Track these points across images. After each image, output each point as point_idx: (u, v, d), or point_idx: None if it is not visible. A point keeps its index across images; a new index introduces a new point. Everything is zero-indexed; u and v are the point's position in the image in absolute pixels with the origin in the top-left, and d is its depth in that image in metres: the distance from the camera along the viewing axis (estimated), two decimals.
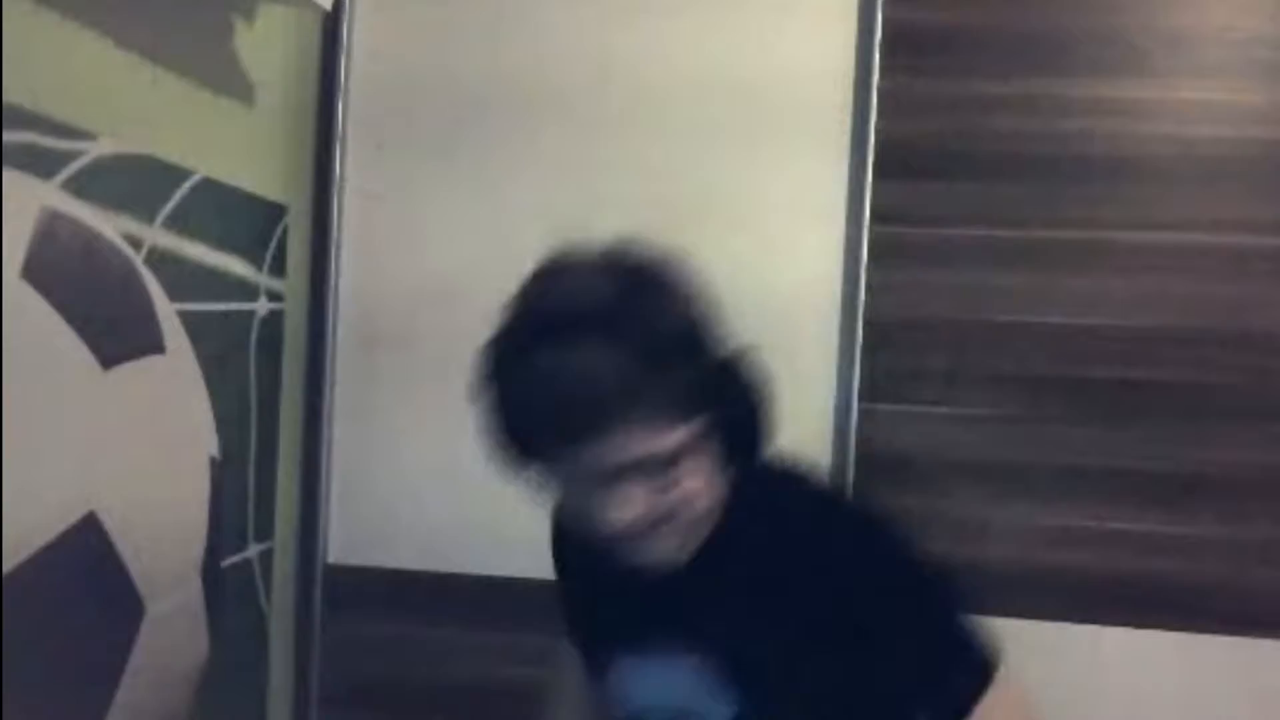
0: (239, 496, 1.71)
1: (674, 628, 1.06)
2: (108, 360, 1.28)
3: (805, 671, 1.01)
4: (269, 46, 1.76)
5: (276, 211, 1.81)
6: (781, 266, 1.89)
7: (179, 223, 1.48)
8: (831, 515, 1.09)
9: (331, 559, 1.97)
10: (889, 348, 1.85)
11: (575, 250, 1.02)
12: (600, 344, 0.90)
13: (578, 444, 0.91)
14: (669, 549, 0.99)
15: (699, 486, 0.97)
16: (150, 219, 1.41)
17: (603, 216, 1.91)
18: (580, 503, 0.98)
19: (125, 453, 1.34)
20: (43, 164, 1.19)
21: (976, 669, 1.02)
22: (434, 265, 1.95)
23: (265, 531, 1.82)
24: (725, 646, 1.04)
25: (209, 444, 1.58)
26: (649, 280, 0.97)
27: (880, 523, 1.07)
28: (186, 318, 1.49)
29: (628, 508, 0.94)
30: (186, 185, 1.50)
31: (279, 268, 1.81)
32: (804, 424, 1.88)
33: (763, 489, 1.05)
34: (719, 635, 1.04)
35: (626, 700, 1.11)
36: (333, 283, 1.96)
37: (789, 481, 1.10)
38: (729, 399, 0.98)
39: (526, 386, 0.92)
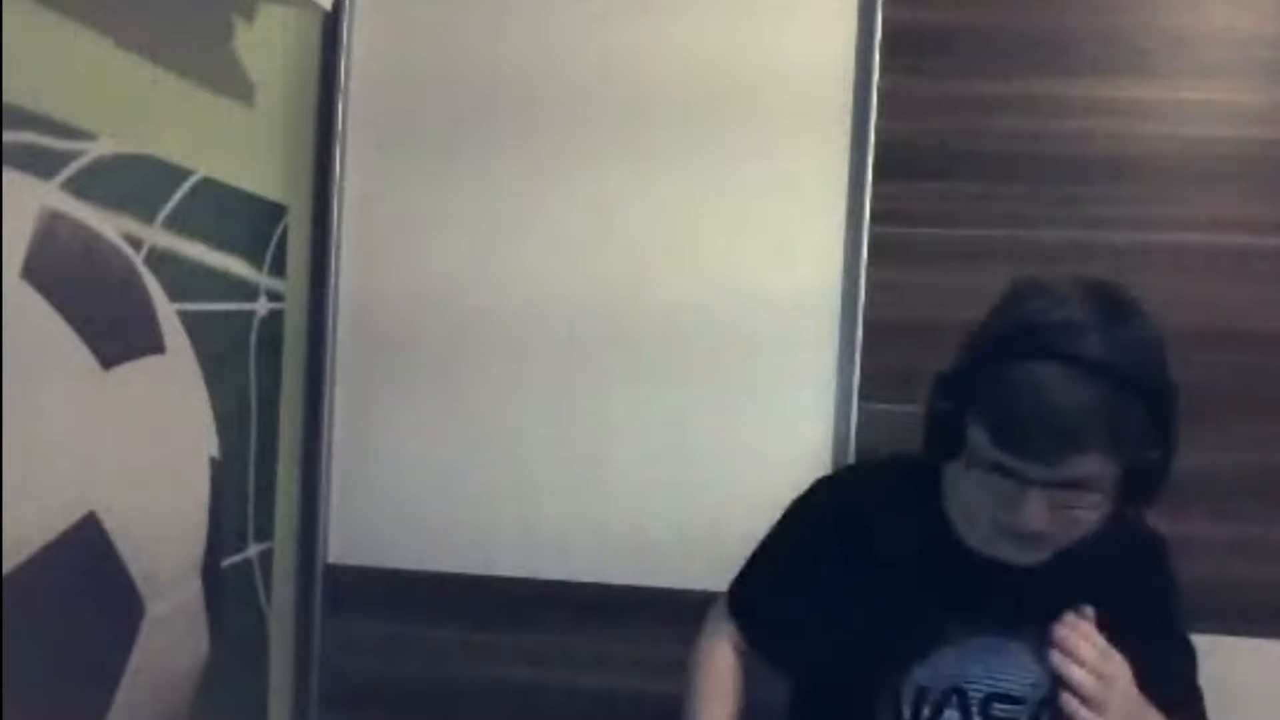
0: (239, 496, 1.71)
1: (1016, 615, 1.15)
2: (108, 360, 1.28)
3: None
4: (269, 46, 1.76)
5: (276, 211, 1.81)
6: (781, 266, 1.89)
7: (179, 223, 1.48)
8: (1157, 557, 1.27)
9: (331, 559, 1.98)
10: (889, 348, 1.85)
11: (1071, 281, 1.09)
12: (1098, 382, 1.00)
13: (1043, 460, 1.01)
14: (1039, 556, 1.10)
15: (1099, 516, 1.07)
16: (150, 219, 1.41)
17: (602, 217, 1.93)
18: (988, 496, 1.07)
19: (125, 453, 1.34)
20: (43, 164, 1.19)
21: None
22: (434, 265, 1.95)
23: (265, 531, 1.82)
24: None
25: (209, 444, 1.58)
26: (1143, 330, 1.06)
27: (1177, 577, 1.28)
28: (186, 318, 1.49)
29: (1041, 517, 1.04)
30: (186, 185, 1.50)
31: (279, 268, 1.81)
32: (804, 424, 1.88)
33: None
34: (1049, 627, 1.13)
35: (950, 677, 1.18)
36: (333, 283, 1.96)
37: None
38: (1158, 444, 1.07)
39: (1026, 396, 1.00)
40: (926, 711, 1.19)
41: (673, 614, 1.86)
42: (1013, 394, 1.01)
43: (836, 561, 1.22)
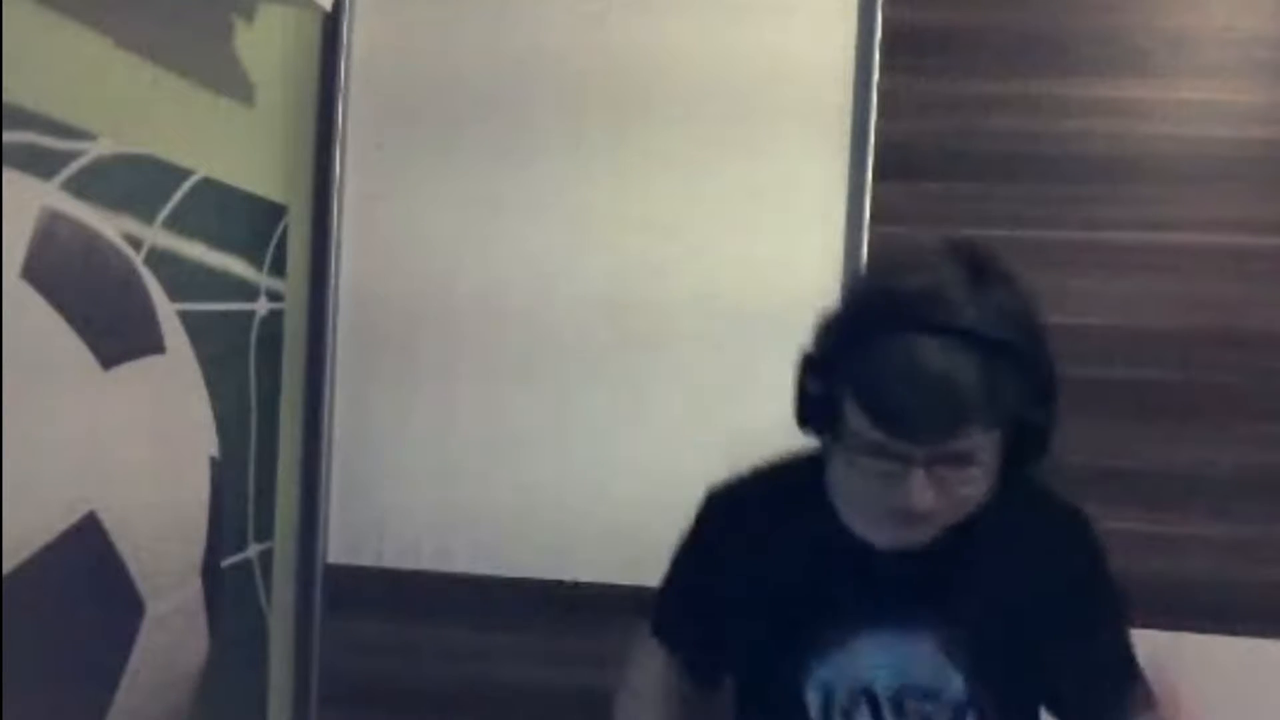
0: (239, 496, 1.71)
1: (916, 607, 1.11)
2: (108, 360, 1.28)
3: (1033, 662, 1.12)
4: (269, 46, 1.76)
5: (276, 211, 1.81)
6: (781, 267, 1.89)
7: (179, 223, 1.48)
8: (1074, 530, 1.18)
9: (331, 559, 1.97)
10: None
11: (933, 247, 1.06)
12: (969, 350, 0.96)
13: (924, 437, 0.98)
14: (926, 535, 1.06)
15: (984, 487, 1.04)
16: (150, 219, 1.41)
17: (602, 217, 1.93)
18: (871, 480, 1.03)
19: (125, 453, 1.34)
20: (43, 164, 1.19)
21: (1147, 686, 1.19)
22: (434, 265, 1.95)
23: (265, 531, 1.82)
24: (966, 629, 1.11)
25: (209, 444, 1.58)
26: (1009, 293, 1.01)
27: (1104, 547, 1.19)
28: (186, 318, 1.49)
29: (927, 495, 1.00)
30: (186, 185, 1.50)
31: (279, 268, 1.81)
32: None
33: (1013, 489, 1.11)
34: (962, 618, 1.10)
35: (855, 674, 1.14)
36: (333, 283, 1.96)
37: (1036, 489, 1.16)
38: (1038, 412, 1.03)
39: (899, 373, 0.97)
40: (836, 717, 1.16)
41: None
42: (886, 371, 0.97)
43: (734, 568, 1.19)
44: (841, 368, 1.03)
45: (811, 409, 1.08)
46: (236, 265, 1.66)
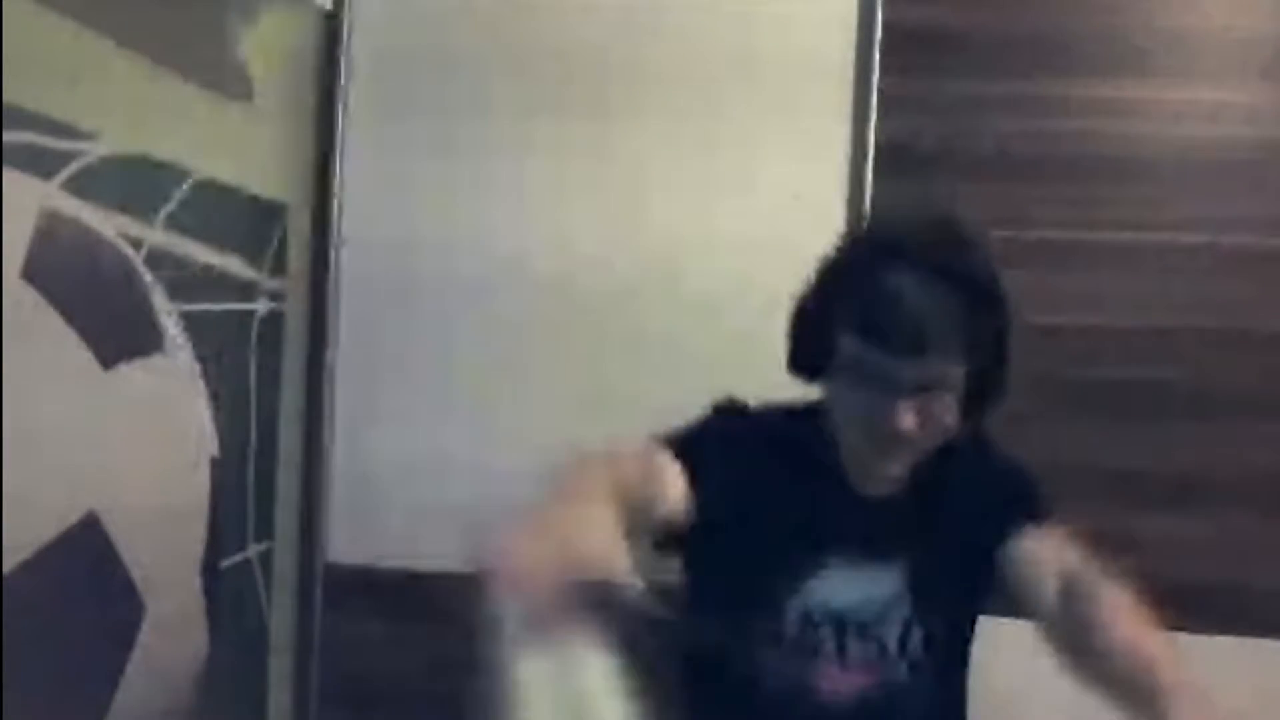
0: (239, 496, 1.71)
1: (887, 543, 1.25)
2: (108, 360, 1.28)
3: (967, 597, 1.29)
4: (269, 46, 1.76)
5: (276, 211, 1.81)
6: (781, 267, 1.88)
7: (179, 223, 1.48)
8: (1019, 481, 1.34)
9: (331, 559, 1.97)
10: None
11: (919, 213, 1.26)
12: (954, 289, 1.13)
13: (916, 357, 1.13)
14: (902, 466, 1.22)
15: (952, 421, 1.19)
16: (150, 219, 1.41)
17: (600, 215, 1.93)
18: (867, 405, 1.18)
19: (125, 453, 1.33)
20: (43, 164, 1.19)
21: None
22: (434, 265, 1.95)
23: (265, 531, 1.82)
24: (919, 565, 1.26)
25: (209, 444, 1.58)
26: (984, 253, 1.19)
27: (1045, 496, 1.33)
28: (186, 318, 1.49)
29: (909, 418, 1.15)
30: (186, 185, 1.50)
31: (279, 268, 1.81)
32: None
33: (969, 447, 1.29)
34: (917, 554, 1.26)
35: (823, 603, 1.26)
36: (333, 282, 1.96)
37: (990, 449, 1.34)
38: (994, 357, 1.19)
39: (897, 301, 1.13)
40: (808, 631, 1.25)
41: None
42: (885, 299, 1.14)
43: (733, 484, 1.25)
44: (841, 303, 1.19)
45: (807, 351, 1.25)
46: (236, 265, 1.66)
